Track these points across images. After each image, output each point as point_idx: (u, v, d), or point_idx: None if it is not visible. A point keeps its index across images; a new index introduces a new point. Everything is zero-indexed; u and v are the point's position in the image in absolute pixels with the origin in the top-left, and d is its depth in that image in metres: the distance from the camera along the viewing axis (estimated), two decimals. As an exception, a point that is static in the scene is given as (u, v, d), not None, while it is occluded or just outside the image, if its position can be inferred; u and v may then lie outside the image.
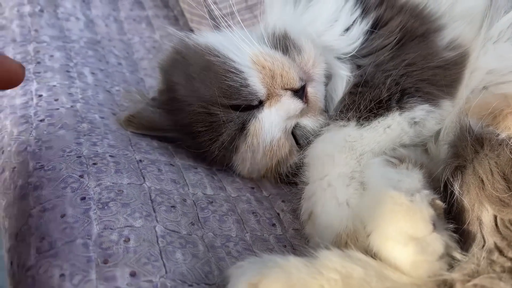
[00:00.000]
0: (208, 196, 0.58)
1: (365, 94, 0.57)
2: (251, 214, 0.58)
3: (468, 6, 0.61)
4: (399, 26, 0.61)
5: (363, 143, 0.55)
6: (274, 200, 0.61)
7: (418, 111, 0.57)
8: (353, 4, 0.63)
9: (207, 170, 0.62)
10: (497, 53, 0.57)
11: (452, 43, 0.60)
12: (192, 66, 0.59)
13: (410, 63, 0.58)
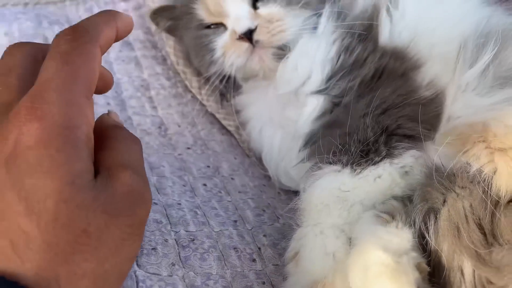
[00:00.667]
0: (190, 233, 0.59)
1: (351, 135, 0.58)
2: (232, 249, 0.59)
3: (445, 50, 0.62)
4: (378, 65, 0.62)
5: (355, 193, 0.56)
6: (256, 234, 0.63)
7: (408, 158, 0.57)
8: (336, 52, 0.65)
9: (191, 204, 0.64)
10: (465, 102, 0.57)
11: (430, 82, 0.61)
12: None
13: (389, 100, 0.59)
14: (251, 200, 0.68)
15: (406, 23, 0.66)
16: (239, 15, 0.70)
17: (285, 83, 0.69)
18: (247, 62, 0.72)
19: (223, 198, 0.67)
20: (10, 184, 0.36)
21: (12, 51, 0.44)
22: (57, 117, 0.38)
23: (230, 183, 0.71)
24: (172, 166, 0.71)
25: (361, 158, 0.57)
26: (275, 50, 0.70)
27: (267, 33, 0.69)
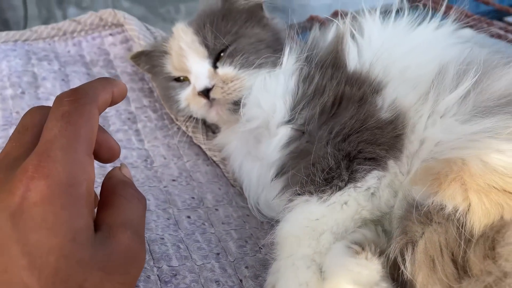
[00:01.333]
0: (173, 268, 0.60)
1: (315, 165, 0.59)
2: (214, 283, 0.59)
3: (416, 74, 0.63)
4: (336, 91, 0.63)
5: (323, 222, 0.57)
6: (238, 266, 0.63)
7: (370, 180, 0.58)
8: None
9: (174, 239, 0.65)
10: (444, 127, 0.58)
11: (391, 104, 0.62)
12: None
13: (348, 126, 0.60)
14: (234, 231, 0.69)
15: (372, 49, 0.67)
16: (199, 74, 0.76)
17: (251, 119, 0.71)
18: (206, 114, 0.78)
19: (207, 230, 0.68)
20: (15, 239, 0.38)
21: (33, 112, 0.48)
22: (62, 175, 0.40)
23: (214, 214, 0.72)
24: (157, 199, 0.72)
25: (326, 185, 0.58)
26: (230, 105, 0.75)
27: (222, 92, 0.74)
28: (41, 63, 0.94)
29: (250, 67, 0.74)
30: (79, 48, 1.02)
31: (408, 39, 0.70)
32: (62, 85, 0.91)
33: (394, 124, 0.60)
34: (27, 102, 0.85)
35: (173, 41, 0.81)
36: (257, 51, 0.76)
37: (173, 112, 0.86)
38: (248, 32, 0.78)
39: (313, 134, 0.63)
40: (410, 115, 0.61)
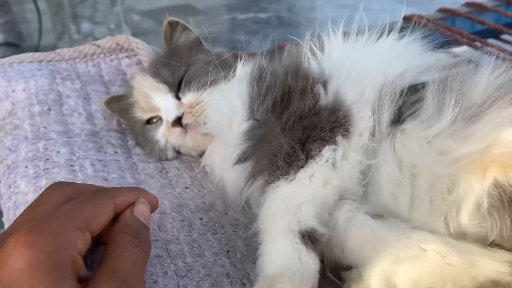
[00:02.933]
0: (187, 264, 0.66)
1: (275, 155, 0.65)
2: (224, 276, 0.65)
3: (363, 76, 0.69)
4: (283, 87, 0.70)
5: (296, 196, 0.63)
6: (246, 262, 0.69)
7: (326, 153, 0.65)
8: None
9: (188, 238, 0.70)
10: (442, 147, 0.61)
11: (331, 94, 0.68)
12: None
13: (293, 116, 0.67)
14: (242, 232, 0.75)
15: (331, 62, 0.74)
16: (167, 107, 0.84)
17: (213, 124, 0.80)
18: (183, 142, 0.85)
19: (217, 231, 0.74)
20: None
21: (52, 190, 0.55)
22: (48, 244, 0.45)
23: (223, 217, 0.77)
24: (172, 203, 0.78)
25: (289, 167, 0.64)
26: (203, 127, 0.82)
27: (192, 116, 0.82)
28: (64, 82, 1.01)
29: (205, 86, 0.83)
30: (98, 68, 1.09)
31: (367, 50, 0.76)
32: (84, 103, 0.98)
33: (332, 110, 0.66)
34: (53, 118, 0.92)
35: (136, 91, 0.89)
36: (207, 72, 0.84)
37: (154, 156, 0.89)
38: (195, 59, 0.88)
39: (268, 125, 0.69)
40: (354, 111, 0.66)
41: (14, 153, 0.84)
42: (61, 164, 0.81)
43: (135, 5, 3.69)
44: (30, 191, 0.75)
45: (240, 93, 0.76)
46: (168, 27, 0.92)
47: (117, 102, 0.93)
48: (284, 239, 0.60)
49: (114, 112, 0.95)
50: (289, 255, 0.58)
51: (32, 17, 3.13)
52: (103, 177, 0.80)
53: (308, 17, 3.83)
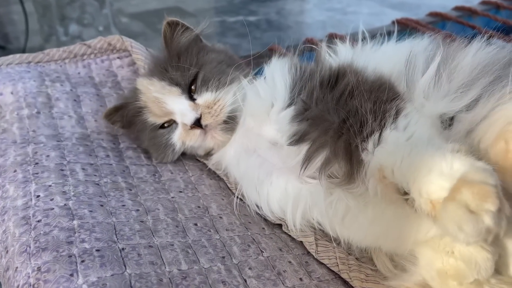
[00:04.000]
0: (182, 271, 0.64)
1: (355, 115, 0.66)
2: (220, 283, 0.63)
3: (388, 63, 0.75)
4: (330, 71, 0.74)
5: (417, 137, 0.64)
6: (242, 268, 0.67)
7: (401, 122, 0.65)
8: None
9: (182, 244, 0.69)
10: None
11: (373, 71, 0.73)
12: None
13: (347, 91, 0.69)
14: (238, 236, 0.73)
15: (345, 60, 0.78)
16: (183, 110, 0.82)
17: (253, 112, 0.79)
18: (202, 143, 0.83)
19: (212, 236, 0.72)
20: None
21: None
22: None
23: (218, 222, 0.76)
24: (166, 209, 0.76)
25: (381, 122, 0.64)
26: (222, 126, 0.82)
27: (211, 116, 0.81)
28: (54, 84, 0.98)
29: (224, 86, 0.83)
30: (88, 70, 1.07)
31: (376, 52, 0.80)
32: (74, 105, 0.95)
33: (379, 80, 0.71)
34: (42, 121, 0.89)
35: (144, 95, 0.86)
36: (223, 71, 0.85)
37: (165, 159, 0.88)
38: (207, 59, 0.87)
39: (319, 104, 0.69)
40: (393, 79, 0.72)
41: (2, 157, 0.82)
42: (51, 169, 0.78)
43: (123, 7, 3.65)
44: (19, 196, 0.73)
45: (282, 76, 0.77)
46: (168, 27, 0.89)
47: (119, 112, 0.90)
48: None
49: (115, 123, 0.91)
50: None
51: (18, 19, 3.08)
52: (94, 182, 0.78)
53: (297, 20, 3.84)
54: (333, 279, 0.69)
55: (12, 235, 0.67)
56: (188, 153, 0.88)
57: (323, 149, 0.68)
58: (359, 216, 0.70)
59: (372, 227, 0.70)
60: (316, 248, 0.73)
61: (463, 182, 0.53)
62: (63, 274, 0.58)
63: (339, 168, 0.68)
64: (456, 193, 0.53)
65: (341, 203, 0.71)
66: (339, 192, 0.71)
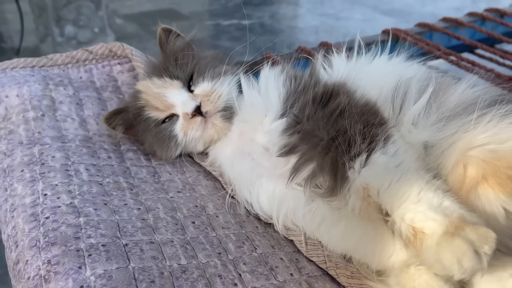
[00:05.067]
0: (182, 266, 0.69)
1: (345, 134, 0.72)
2: (217, 277, 0.68)
3: (377, 84, 0.81)
4: (325, 87, 0.80)
5: (404, 164, 0.70)
6: (237, 263, 0.72)
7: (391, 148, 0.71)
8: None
9: (182, 241, 0.74)
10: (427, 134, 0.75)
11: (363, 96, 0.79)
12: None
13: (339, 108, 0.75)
14: (233, 234, 0.78)
15: (340, 75, 0.84)
16: (184, 100, 0.88)
17: (246, 119, 0.85)
18: (203, 132, 0.88)
19: (209, 234, 0.77)
20: None
21: None
22: None
23: (215, 220, 0.81)
24: (165, 208, 0.81)
25: (369, 145, 0.70)
26: (222, 113, 0.88)
27: (210, 103, 0.88)
28: (57, 88, 1.03)
29: (219, 76, 0.90)
30: (90, 74, 1.11)
31: (368, 68, 0.87)
32: (77, 108, 1.00)
33: (368, 104, 0.77)
34: (47, 123, 0.94)
35: (145, 94, 0.92)
36: (216, 65, 0.93)
37: (169, 153, 0.92)
38: (201, 55, 0.96)
39: (310, 119, 0.75)
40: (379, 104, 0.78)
41: (9, 157, 0.86)
42: (57, 169, 0.83)
43: (118, 8, 3.69)
44: (28, 194, 0.77)
45: (276, 88, 0.82)
46: (163, 33, 0.98)
47: (119, 115, 0.95)
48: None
49: (117, 126, 0.95)
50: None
51: (12, 18, 3.11)
52: (98, 182, 0.82)
53: (291, 25, 3.90)
54: (321, 275, 0.74)
55: (21, 230, 0.71)
56: (188, 149, 0.93)
57: (310, 162, 0.74)
58: (332, 228, 0.77)
59: (343, 240, 0.76)
60: (306, 247, 0.78)
61: (463, 221, 0.59)
62: (72, 266, 0.63)
63: (323, 182, 0.74)
64: (459, 230, 0.58)
65: (319, 211, 0.77)
66: (319, 202, 0.77)
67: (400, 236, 0.64)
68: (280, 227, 0.81)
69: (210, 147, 0.93)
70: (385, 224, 0.67)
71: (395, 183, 0.66)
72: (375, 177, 0.68)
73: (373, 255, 0.72)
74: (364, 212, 0.71)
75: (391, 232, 0.67)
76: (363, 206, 0.70)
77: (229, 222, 0.82)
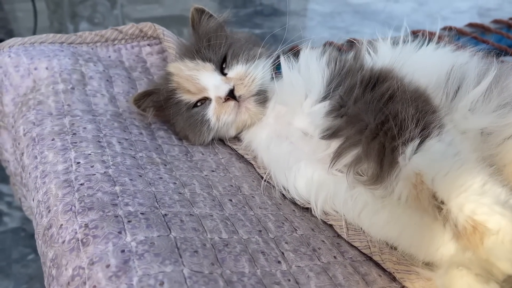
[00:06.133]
0: (223, 239, 0.65)
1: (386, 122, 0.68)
2: (260, 253, 0.65)
3: (425, 71, 0.77)
4: (371, 70, 0.76)
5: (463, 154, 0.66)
6: (279, 242, 0.68)
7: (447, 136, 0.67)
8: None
9: (221, 216, 0.70)
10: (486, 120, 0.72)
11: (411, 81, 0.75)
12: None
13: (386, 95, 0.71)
14: (271, 214, 0.75)
15: (384, 64, 0.79)
16: (217, 84, 0.85)
17: (285, 100, 0.82)
18: (236, 116, 0.85)
19: (247, 212, 0.74)
20: None
21: None
22: None
23: (251, 200, 0.77)
24: (201, 184, 0.77)
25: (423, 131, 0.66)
26: (255, 97, 0.85)
27: (244, 86, 0.84)
28: (87, 64, 1.00)
29: (253, 59, 0.87)
30: (118, 54, 1.08)
31: (416, 56, 0.83)
32: (107, 85, 0.97)
33: (418, 91, 0.72)
34: (77, 97, 0.91)
35: (177, 76, 0.89)
36: (251, 48, 0.89)
37: (201, 138, 0.89)
38: (235, 38, 0.92)
39: (357, 102, 0.71)
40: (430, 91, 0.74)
41: (38, 126, 0.83)
42: (89, 139, 0.79)
43: (129, 12, 3.69)
44: (60, 162, 0.73)
45: (319, 68, 0.78)
46: (196, 13, 0.94)
47: (148, 97, 0.91)
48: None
49: (147, 108, 0.92)
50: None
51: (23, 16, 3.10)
52: (131, 155, 0.79)
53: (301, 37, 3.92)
54: (365, 260, 0.71)
55: (54, 196, 0.68)
56: (221, 134, 0.89)
57: (355, 147, 0.70)
58: (375, 215, 0.73)
59: (386, 228, 0.72)
60: (347, 231, 0.74)
61: None
62: (112, 231, 0.59)
63: (368, 168, 0.70)
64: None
65: (361, 198, 0.73)
66: (361, 188, 0.73)
67: (455, 226, 0.60)
68: (319, 212, 0.77)
69: (243, 132, 0.90)
70: (438, 212, 0.62)
71: (455, 171, 0.61)
72: (430, 164, 0.63)
73: (420, 246, 0.68)
74: (412, 201, 0.66)
75: (443, 222, 0.62)
76: (412, 194, 0.65)
77: (266, 203, 0.78)
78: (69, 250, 0.59)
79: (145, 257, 0.56)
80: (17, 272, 1.61)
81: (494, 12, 4.16)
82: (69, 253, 0.58)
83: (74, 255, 0.58)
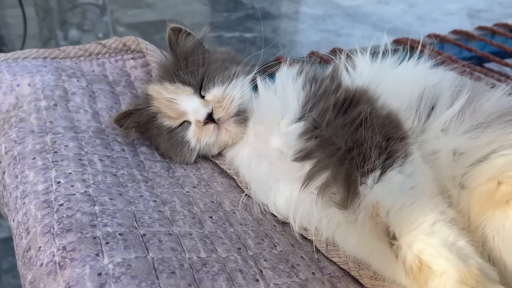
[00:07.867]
0: (202, 259, 0.65)
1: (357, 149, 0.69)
2: (238, 272, 0.65)
3: (400, 91, 0.78)
4: (346, 93, 0.76)
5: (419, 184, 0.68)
6: (257, 259, 0.69)
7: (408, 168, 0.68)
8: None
9: (200, 234, 0.70)
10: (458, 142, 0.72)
11: (384, 105, 0.75)
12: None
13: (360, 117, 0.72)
14: (251, 231, 0.75)
15: (363, 80, 0.80)
16: (195, 107, 0.85)
17: (262, 121, 0.82)
18: (217, 137, 0.86)
19: (227, 229, 0.74)
20: None
21: None
22: None
23: (232, 216, 0.78)
24: (182, 201, 0.78)
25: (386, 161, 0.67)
26: (234, 118, 0.85)
27: (222, 109, 0.85)
28: (70, 79, 1.00)
29: (229, 80, 0.87)
30: (102, 68, 1.09)
31: (393, 73, 0.84)
32: (90, 101, 0.97)
33: (390, 116, 0.73)
34: (59, 113, 0.91)
35: (157, 100, 0.89)
36: (227, 68, 0.89)
37: (183, 158, 0.90)
38: (212, 59, 0.91)
39: (330, 125, 0.72)
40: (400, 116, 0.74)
41: (20, 145, 0.83)
42: (70, 158, 0.80)
43: (121, 17, 3.69)
44: (40, 181, 0.74)
45: (295, 90, 0.79)
46: (172, 33, 0.93)
47: (130, 117, 0.91)
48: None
49: (128, 128, 0.92)
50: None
51: (13, 23, 3.10)
52: (112, 173, 0.79)
53: (292, 39, 3.92)
54: (343, 275, 0.72)
55: (33, 217, 0.68)
56: (202, 153, 0.90)
57: (325, 171, 0.71)
58: (347, 236, 0.73)
59: (356, 249, 0.73)
60: (326, 247, 0.75)
61: (484, 277, 0.56)
62: (89, 253, 0.59)
63: (337, 192, 0.70)
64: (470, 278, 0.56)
65: (335, 218, 0.74)
66: (335, 209, 0.73)
67: (402, 264, 0.61)
68: (297, 228, 0.78)
69: (225, 150, 0.90)
70: (390, 247, 0.63)
71: (408, 206, 0.63)
72: (387, 196, 0.64)
73: (386, 270, 0.69)
74: (372, 231, 0.66)
75: (395, 256, 0.63)
76: (371, 225, 0.66)
77: (247, 219, 0.79)
78: (47, 274, 0.59)
79: (122, 280, 0.56)
80: (7, 283, 1.61)
81: (484, 13, 4.19)
82: (47, 276, 0.59)
83: (51, 278, 0.58)
